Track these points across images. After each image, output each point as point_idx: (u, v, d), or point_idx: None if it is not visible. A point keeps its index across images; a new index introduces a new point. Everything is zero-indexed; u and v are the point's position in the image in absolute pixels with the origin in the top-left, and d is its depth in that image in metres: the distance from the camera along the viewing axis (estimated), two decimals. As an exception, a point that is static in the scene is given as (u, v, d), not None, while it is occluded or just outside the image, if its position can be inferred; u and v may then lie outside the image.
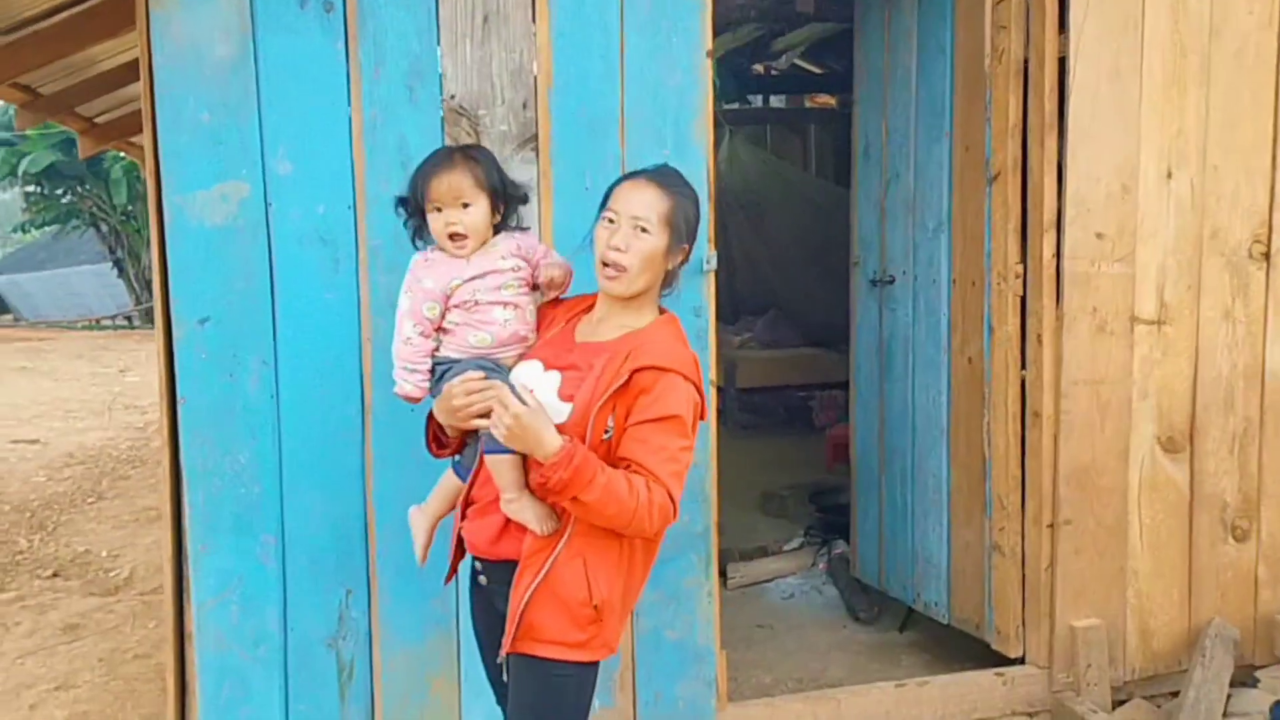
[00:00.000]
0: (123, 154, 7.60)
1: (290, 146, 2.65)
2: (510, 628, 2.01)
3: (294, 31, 2.62)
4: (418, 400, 2.14)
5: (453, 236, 2.04)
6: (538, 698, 2.05)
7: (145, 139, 2.67)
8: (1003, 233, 3.25)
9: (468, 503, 2.17)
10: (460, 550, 2.24)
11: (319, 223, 2.68)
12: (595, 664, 2.08)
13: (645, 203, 2.02)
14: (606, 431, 1.97)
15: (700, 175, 2.82)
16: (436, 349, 2.10)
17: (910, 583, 3.83)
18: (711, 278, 2.90)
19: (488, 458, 2.03)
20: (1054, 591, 3.28)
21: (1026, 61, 3.20)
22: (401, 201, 2.12)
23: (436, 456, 2.25)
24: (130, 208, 21.25)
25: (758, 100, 8.76)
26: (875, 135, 3.93)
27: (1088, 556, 3.29)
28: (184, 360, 2.65)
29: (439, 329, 2.09)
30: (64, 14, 4.02)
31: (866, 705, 3.20)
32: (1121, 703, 3.34)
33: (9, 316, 25.26)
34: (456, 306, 2.06)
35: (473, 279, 2.05)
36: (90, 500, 6.62)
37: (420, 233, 2.12)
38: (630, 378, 1.96)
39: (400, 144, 2.71)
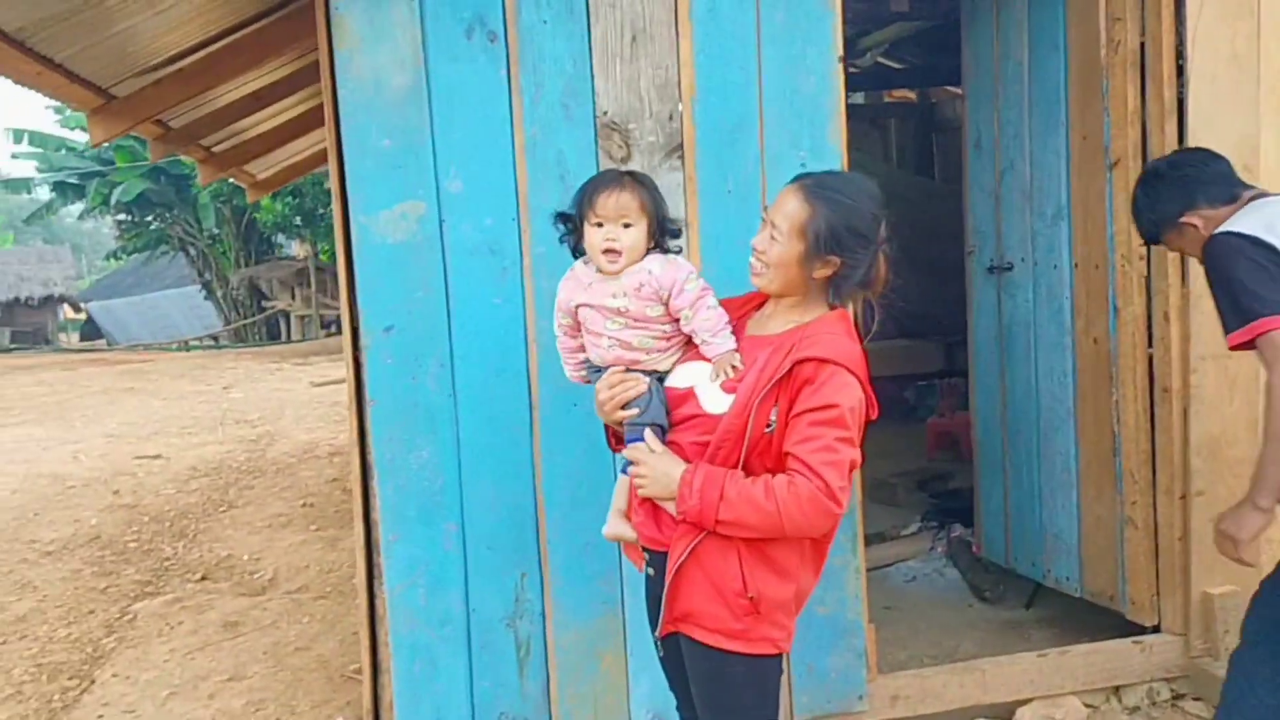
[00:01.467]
0: (232, 179, 7.96)
1: (460, 166, 2.84)
2: (666, 605, 2.07)
3: (462, 60, 2.82)
4: (584, 382, 2.31)
5: (607, 252, 2.11)
6: (711, 685, 2.11)
7: (331, 165, 2.90)
8: (1125, 217, 3.34)
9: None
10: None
11: (487, 235, 2.87)
12: (770, 659, 2.08)
13: (784, 211, 2.06)
14: (769, 425, 1.97)
15: (837, 174, 2.98)
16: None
17: (1039, 559, 3.91)
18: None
19: (624, 449, 2.17)
20: (1188, 561, 3.36)
21: (1141, 50, 3.30)
22: (561, 217, 2.19)
23: (615, 451, 2.36)
24: (217, 231, 21.92)
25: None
26: (987, 127, 4.02)
27: (1221, 526, 3.36)
28: (372, 366, 2.85)
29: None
30: (205, 50, 4.34)
31: (1010, 675, 3.30)
32: (1259, 667, 3.41)
33: (102, 341, 26.21)
34: (579, 322, 2.22)
35: (584, 305, 2.17)
36: (222, 509, 6.92)
37: (580, 246, 2.22)
38: (792, 369, 1.95)
39: (558, 159, 2.90)
